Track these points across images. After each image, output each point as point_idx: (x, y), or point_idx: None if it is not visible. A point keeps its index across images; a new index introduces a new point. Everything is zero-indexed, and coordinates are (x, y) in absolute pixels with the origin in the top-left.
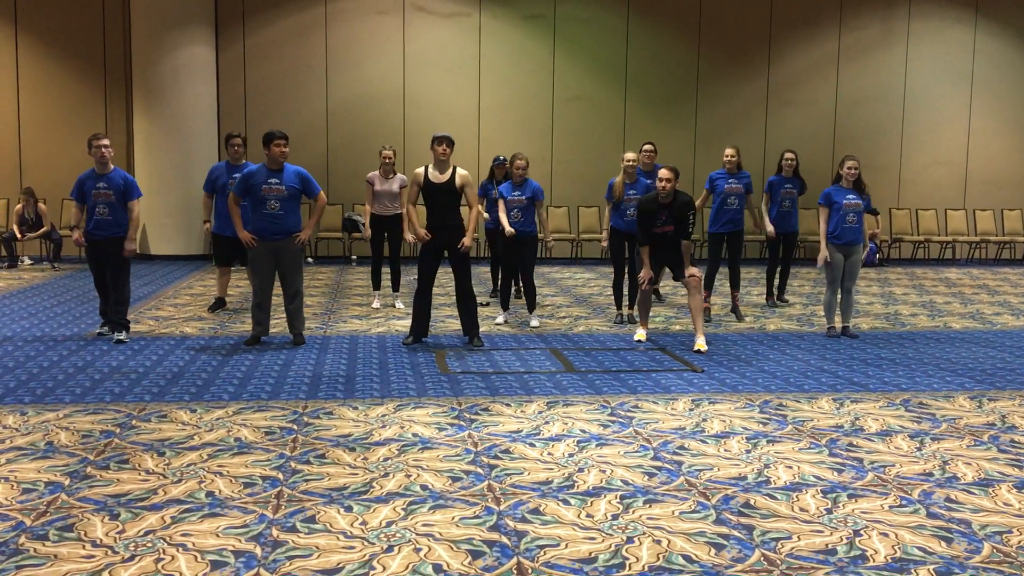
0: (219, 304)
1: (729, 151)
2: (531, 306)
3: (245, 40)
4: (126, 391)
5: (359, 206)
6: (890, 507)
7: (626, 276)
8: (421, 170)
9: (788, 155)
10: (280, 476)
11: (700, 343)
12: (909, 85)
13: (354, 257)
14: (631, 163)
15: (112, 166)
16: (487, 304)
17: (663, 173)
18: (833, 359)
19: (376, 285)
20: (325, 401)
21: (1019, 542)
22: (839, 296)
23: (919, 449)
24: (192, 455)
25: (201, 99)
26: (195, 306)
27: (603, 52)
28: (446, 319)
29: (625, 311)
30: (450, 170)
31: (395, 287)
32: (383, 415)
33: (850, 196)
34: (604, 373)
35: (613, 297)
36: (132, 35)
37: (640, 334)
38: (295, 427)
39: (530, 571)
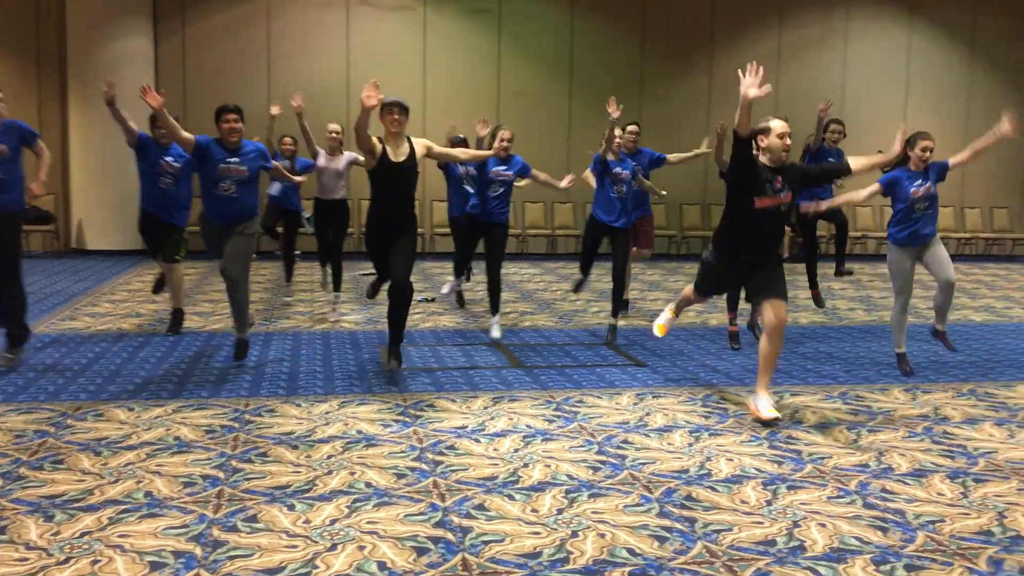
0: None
1: None
2: (495, 306)
3: (184, 31)
4: (61, 389)
5: (306, 201)
6: (828, 498)
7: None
8: (379, 141)
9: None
10: (221, 475)
11: (769, 407)
12: (848, 84)
13: (298, 252)
14: (617, 140)
15: (3, 119)
16: (433, 300)
17: (782, 126)
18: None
19: (336, 284)
20: (267, 398)
21: (951, 531)
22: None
23: (856, 441)
24: (130, 454)
25: (138, 92)
26: (133, 302)
27: (548, 48)
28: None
29: (577, 283)
30: (405, 145)
31: (336, 285)
32: (327, 412)
33: (919, 182)
34: (550, 368)
35: (576, 274)
36: (67, 26)
37: (662, 324)
38: (236, 425)
39: (475, 567)
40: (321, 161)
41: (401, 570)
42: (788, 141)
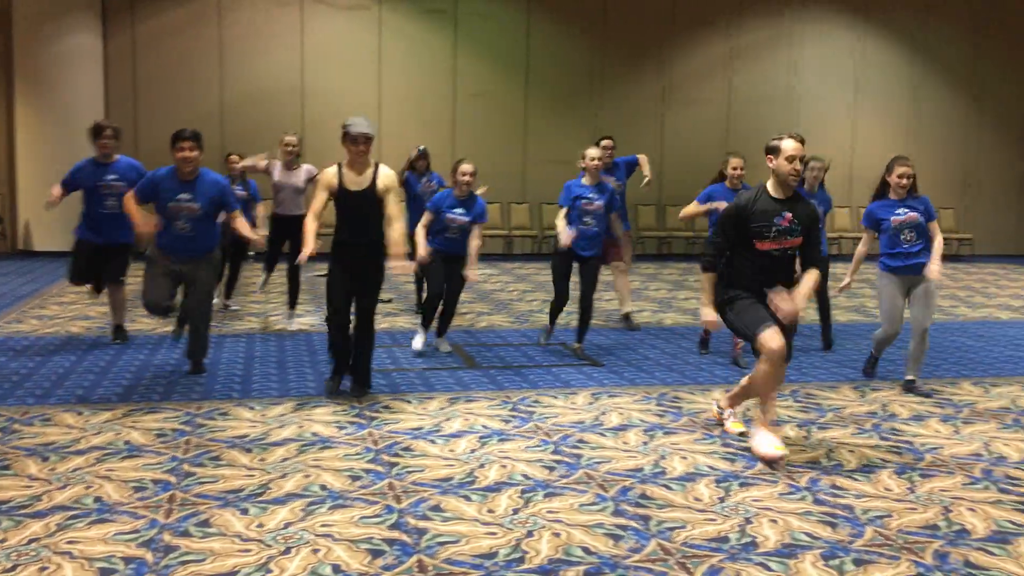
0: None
1: (736, 161)
2: (444, 329)
3: (134, 29)
4: (7, 394)
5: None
6: (779, 495)
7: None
8: (333, 171)
9: (735, 161)
10: (172, 479)
11: (776, 445)
12: (798, 86)
13: (252, 253)
14: (596, 162)
15: None
16: (390, 300)
17: (794, 148)
18: (726, 352)
19: (292, 302)
20: (220, 401)
21: (899, 525)
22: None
23: (806, 438)
24: (79, 459)
25: (87, 90)
26: (81, 304)
27: (504, 48)
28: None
29: (547, 332)
30: (370, 170)
31: (292, 302)
32: (281, 415)
33: (901, 210)
34: (506, 369)
35: (548, 318)
36: (13, 22)
37: (735, 425)
38: (188, 429)
39: (430, 568)
40: (276, 176)
41: (356, 572)
42: (799, 166)
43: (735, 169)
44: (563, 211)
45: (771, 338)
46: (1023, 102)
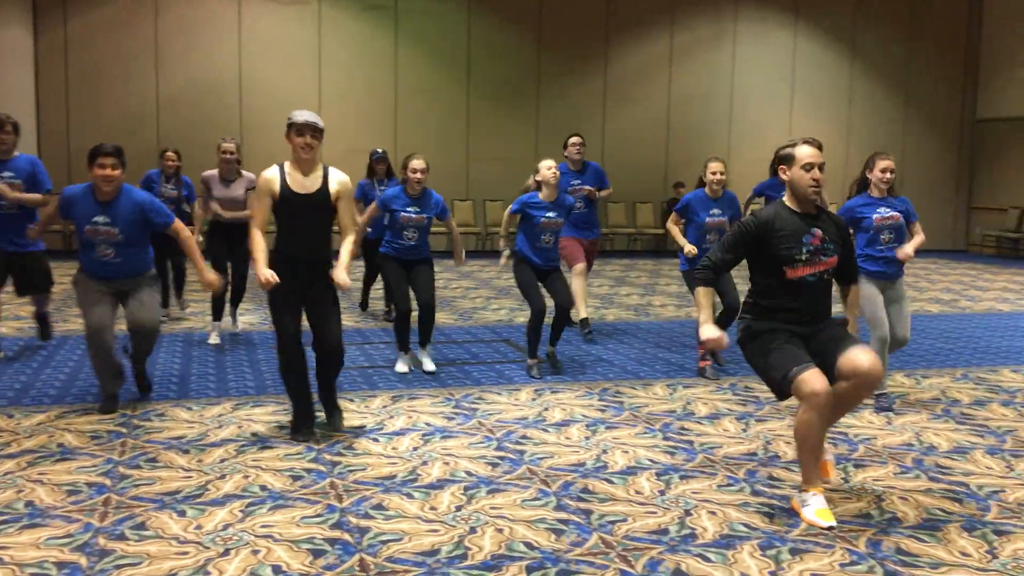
0: None
1: (715, 165)
2: (426, 339)
3: (67, 23)
4: None
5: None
6: (718, 486)
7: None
8: (274, 174)
9: (714, 165)
10: (107, 482)
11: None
12: (736, 84)
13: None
14: (553, 172)
15: None
16: None
17: (811, 154)
18: (667, 347)
19: (217, 315)
20: (156, 402)
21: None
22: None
23: (744, 430)
24: (9, 463)
25: (17, 87)
26: (12, 305)
27: (445, 45)
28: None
29: (538, 363)
30: (318, 172)
31: (235, 301)
32: (220, 415)
33: (882, 209)
34: (449, 366)
35: (528, 343)
36: None
37: None
38: (124, 430)
39: (373, 567)
40: (215, 191)
41: (297, 573)
42: (818, 175)
43: (714, 174)
44: (507, 215)
45: (812, 379)
46: (952, 103)
